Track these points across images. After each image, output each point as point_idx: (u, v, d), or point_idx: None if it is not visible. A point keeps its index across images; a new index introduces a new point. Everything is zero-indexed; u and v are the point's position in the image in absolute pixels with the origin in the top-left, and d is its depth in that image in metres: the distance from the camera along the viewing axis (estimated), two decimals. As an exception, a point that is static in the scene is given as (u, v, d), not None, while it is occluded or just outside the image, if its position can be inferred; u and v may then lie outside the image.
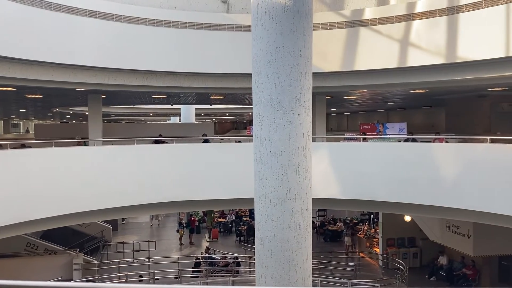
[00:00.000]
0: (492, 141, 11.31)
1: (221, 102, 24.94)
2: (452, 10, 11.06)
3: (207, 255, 20.40)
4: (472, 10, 10.71)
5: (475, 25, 10.73)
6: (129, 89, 13.75)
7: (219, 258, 20.10)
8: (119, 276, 17.26)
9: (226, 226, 27.68)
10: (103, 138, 15.42)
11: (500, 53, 10.30)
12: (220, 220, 28.37)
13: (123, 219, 29.01)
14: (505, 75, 11.02)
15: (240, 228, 25.63)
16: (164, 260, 20.01)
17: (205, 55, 12.82)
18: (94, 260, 19.34)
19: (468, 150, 11.75)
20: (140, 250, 21.86)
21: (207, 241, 25.50)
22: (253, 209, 6.92)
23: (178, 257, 20.36)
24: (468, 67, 11.40)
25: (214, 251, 21.49)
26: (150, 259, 19.61)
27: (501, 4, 10.12)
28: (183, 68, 12.79)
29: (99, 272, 18.16)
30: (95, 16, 11.78)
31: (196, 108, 31.03)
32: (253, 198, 6.76)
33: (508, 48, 10.15)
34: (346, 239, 22.77)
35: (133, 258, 20.55)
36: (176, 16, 12.59)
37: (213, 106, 27.94)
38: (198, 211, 27.63)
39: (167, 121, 44.01)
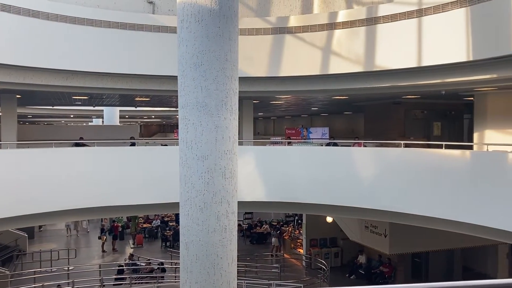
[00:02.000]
0: (406, 145, 12.12)
1: (147, 104, 24.37)
2: (371, 21, 11.70)
3: (130, 261, 19.79)
4: (389, 22, 11.41)
5: (391, 36, 11.43)
6: (47, 89, 13.00)
7: (144, 264, 19.59)
8: (34, 287, 16.20)
9: (151, 231, 27.04)
10: (18, 141, 14.43)
11: (413, 63, 11.07)
12: (145, 225, 27.65)
13: (40, 227, 27.32)
14: (417, 83, 11.86)
15: (165, 233, 25.16)
16: (85, 269, 19.11)
17: (129, 56, 12.47)
18: (6, 271, 18.02)
19: (384, 154, 12.49)
20: (58, 259, 20.73)
21: (131, 248, 24.74)
22: (179, 213, 6.84)
23: (100, 265, 19.53)
24: (384, 75, 12.11)
25: (139, 257, 20.90)
26: (70, 268, 18.64)
27: (414, 17, 10.89)
28: (106, 68, 12.33)
29: (12, 284, 16.94)
30: (9, 11, 11.02)
31: (120, 110, 30.07)
32: (179, 202, 6.68)
33: (420, 58, 10.94)
34: (273, 240, 23.18)
35: (51, 267, 19.42)
36: (99, 15, 12.11)
37: (138, 108, 27.23)
38: (122, 217, 26.73)
39: (89, 123, 42.21)
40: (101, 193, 11.80)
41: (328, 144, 15.30)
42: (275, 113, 31.53)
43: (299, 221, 24.85)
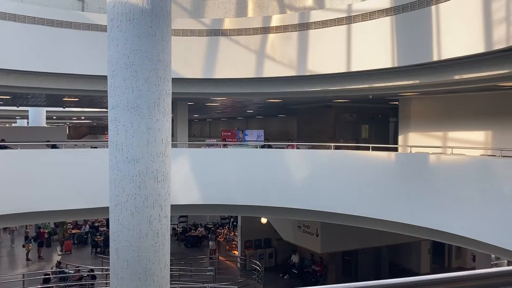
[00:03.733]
0: (336, 147, 12.56)
1: (76, 104, 23.33)
2: (303, 27, 12.01)
3: (58, 269, 18.83)
4: (320, 28, 11.77)
5: (322, 41, 11.80)
6: (-38, 87, 12.08)
7: (72, 272, 18.70)
8: None
9: (81, 237, 25.89)
10: None
11: (342, 69, 11.51)
12: (74, 231, 26.42)
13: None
14: (347, 88, 12.33)
15: (96, 239, 24.19)
16: (7, 279, 17.92)
17: (57, 54, 11.86)
18: None
19: (316, 156, 12.86)
20: (-24, 270, 19.29)
21: (59, 255, 23.53)
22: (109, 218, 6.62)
23: (23, 274, 18.39)
24: (316, 80, 12.48)
25: (67, 264, 19.92)
26: (-11, 279, 17.41)
27: (343, 24, 11.32)
28: (31, 66, 11.63)
29: None
30: None
31: (47, 111, 28.49)
32: (109, 207, 6.47)
33: (349, 64, 11.39)
34: (211, 243, 23.06)
35: (-33, 279, 18.02)
36: (23, 10, 11.41)
37: (67, 109, 26.00)
38: (49, 223, 25.35)
39: (13, 125, 39.69)
40: (25, 198, 11.11)
41: (263, 146, 15.50)
42: (211, 115, 31.43)
43: (235, 223, 24.92)
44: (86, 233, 26.02)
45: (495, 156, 10.74)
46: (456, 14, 9.12)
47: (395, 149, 13.59)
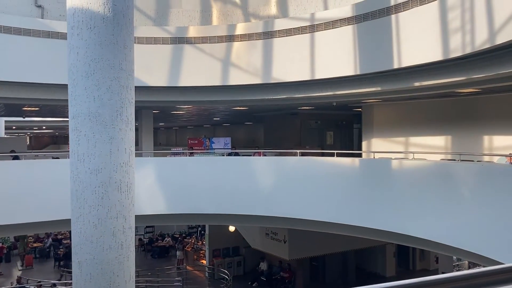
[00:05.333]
0: (302, 154, 12.68)
1: (37, 114, 22.62)
2: (267, 35, 12.10)
3: (18, 285, 18.14)
4: (284, 36, 11.89)
5: (286, 49, 11.92)
6: None
7: (34, 287, 18.06)
8: None
9: (43, 251, 25.02)
10: None
11: (306, 76, 11.65)
12: (35, 245, 25.52)
13: None
14: (311, 95, 12.49)
15: (59, 252, 23.44)
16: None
17: (15, 62, 11.47)
18: None
19: (282, 163, 12.95)
20: None
21: (20, 270, 22.65)
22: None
23: (-20, 292, 17.65)
24: (281, 87, 12.58)
25: (28, 280, 19.24)
26: None
27: (307, 33, 11.48)
28: (-15, 75, 11.22)
29: None
30: None
31: (6, 121, 27.53)
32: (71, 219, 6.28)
33: (313, 72, 11.54)
34: (178, 253, 22.74)
35: None
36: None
37: (27, 119, 25.20)
38: (8, 237, 24.40)
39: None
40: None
41: (229, 154, 15.46)
42: (177, 123, 31.12)
43: (202, 232, 24.69)
44: (49, 247, 25.18)
45: (454, 160, 11.10)
46: (415, 23, 9.41)
47: (359, 155, 13.84)
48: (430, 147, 13.45)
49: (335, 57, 11.12)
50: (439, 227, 9.44)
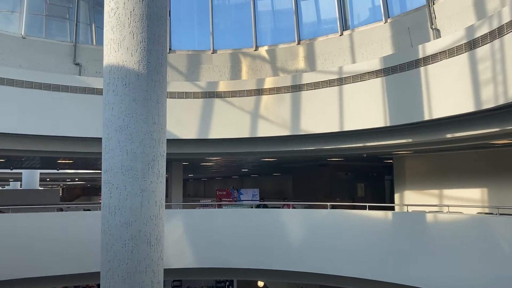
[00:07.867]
0: (333, 206, 12.43)
1: (70, 166, 23.24)
2: (295, 88, 12.28)
3: None
4: (312, 89, 12.03)
5: (315, 102, 12.01)
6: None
7: None
8: None
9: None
10: None
11: (335, 128, 11.63)
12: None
13: None
14: (340, 147, 12.41)
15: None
16: None
17: (52, 117, 11.94)
18: None
19: (312, 215, 12.69)
20: None
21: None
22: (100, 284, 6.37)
23: None
24: (310, 139, 12.57)
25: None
26: None
27: (335, 86, 11.59)
28: (26, 130, 11.67)
29: None
30: None
31: (40, 173, 28.36)
32: (100, 272, 6.24)
33: (342, 124, 11.53)
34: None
35: None
36: (20, 75, 11.62)
37: (61, 171, 25.90)
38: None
39: (6, 187, 39.33)
40: (11, 264, 10.75)
41: (258, 206, 15.31)
42: (205, 175, 31.33)
43: (230, 286, 24.12)
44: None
45: (492, 214, 10.63)
46: (444, 74, 9.37)
47: (392, 208, 13.46)
48: (465, 200, 12.97)
49: (364, 109, 11.11)
50: (476, 285, 8.93)
